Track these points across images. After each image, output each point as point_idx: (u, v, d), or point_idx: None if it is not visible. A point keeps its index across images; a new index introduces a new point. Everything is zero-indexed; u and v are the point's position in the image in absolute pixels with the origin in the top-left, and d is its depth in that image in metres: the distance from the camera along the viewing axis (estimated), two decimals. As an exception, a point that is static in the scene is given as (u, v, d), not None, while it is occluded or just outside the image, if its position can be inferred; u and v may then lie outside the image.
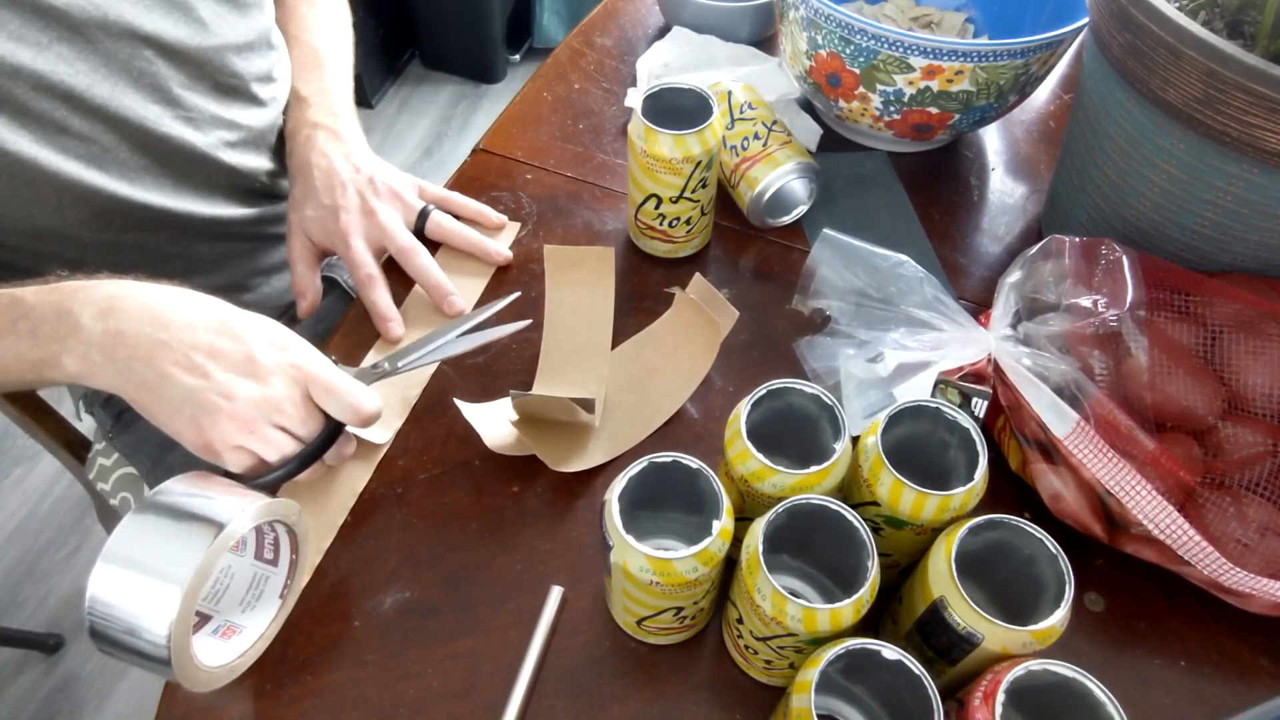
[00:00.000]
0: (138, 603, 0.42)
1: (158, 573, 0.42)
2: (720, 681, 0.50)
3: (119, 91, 0.59)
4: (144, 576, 0.42)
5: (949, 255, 0.71)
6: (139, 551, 0.43)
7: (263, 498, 0.46)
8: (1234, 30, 0.52)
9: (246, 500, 0.45)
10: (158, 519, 0.44)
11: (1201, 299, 0.55)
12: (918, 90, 0.66)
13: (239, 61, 0.66)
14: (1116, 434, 0.49)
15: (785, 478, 0.44)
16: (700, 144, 0.59)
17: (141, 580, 0.42)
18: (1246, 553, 0.50)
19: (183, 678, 0.44)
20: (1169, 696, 0.50)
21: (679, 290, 0.64)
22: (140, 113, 0.61)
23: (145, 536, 0.43)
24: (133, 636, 0.42)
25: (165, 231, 0.67)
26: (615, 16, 0.92)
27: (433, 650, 0.50)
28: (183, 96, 0.63)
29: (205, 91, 0.65)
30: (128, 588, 0.42)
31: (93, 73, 0.57)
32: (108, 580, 0.43)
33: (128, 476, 0.84)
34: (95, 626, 0.43)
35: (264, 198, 0.76)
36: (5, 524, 1.43)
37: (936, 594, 0.42)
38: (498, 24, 2.06)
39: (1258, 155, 0.49)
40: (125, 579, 0.43)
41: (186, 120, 0.64)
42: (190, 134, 0.65)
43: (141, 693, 1.28)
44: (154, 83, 0.61)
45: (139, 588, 0.42)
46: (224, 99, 0.67)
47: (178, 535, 0.43)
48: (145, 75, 0.60)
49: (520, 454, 0.57)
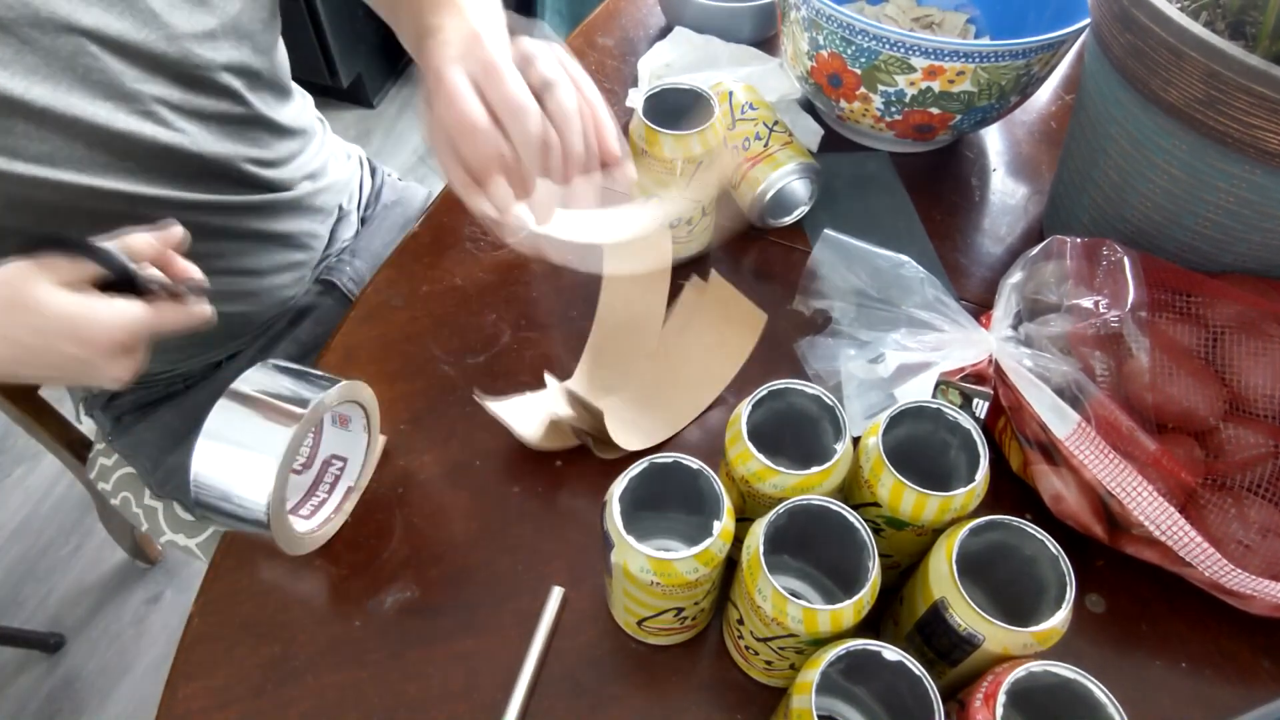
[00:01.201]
0: (238, 474, 0.47)
1: (255, 447, 0.47)
2: (721, 682, 0.50)
3: (62, 91, 0.56)
4: (243, 451, 0.47)
5: (950, 256, 0.71)
6: (236, 430, 0.47)
7: (336, 380, 0.50)
8: (1235, 31, 0.52)
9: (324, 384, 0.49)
10: (249, 401, 0.48)
11: (1203, 300, 0.55)
12: (919, 91, 0.66)
13: (203, 52, 0.63)
14: (1118, 435, 0.49)
15: (786, 478, 0.44)
16: (702, 144, 0.59)
17: (241, 454, 0.47)
18: (1248, 554, 0.49)
19: (281, 541, 0.49)
20: (1170, 698, 0.50)
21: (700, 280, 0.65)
22: (90, 110, 0.58)
23: (240, 416, 0.48)
24: (235, 505, 0.47)
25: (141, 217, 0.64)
26: (617, 17, 0.92)
27: (433, 650, 0.50)
28: (139, 91, 0.60)
29: (167, 83, 0.62)
30: (229, 462, 0.47)
31: (30, 74, 0.55)
32: (210, 456, 0.47)
33: (128, 476, 0.84)
34: (199, 498, 0.48)
35: (249, 187, 0.72)
36: (7, 523, 1.43)
37: (937, 595, 0.42)
38: (499, 24, 2.06)
39: (1259, 156, 0.49)
40: (226, 454, 0.47)
41: (144, 115, 0.61)
42: (151, 128, 0.62)
43: (142, 692, 1.28)
44: (103, 79, 0.58)
45: (239, 461, 0.47)
46: (192, 90, 0.64)
47: (270, 414, 0.47)
48: (93, 71, 0.57)
49: (555, 447, 0.57)
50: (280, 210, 0.75)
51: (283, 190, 0.75)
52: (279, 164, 0.74)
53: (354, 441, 0.56)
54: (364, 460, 0.56)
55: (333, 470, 0.55)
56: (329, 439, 0.56)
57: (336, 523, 0.54)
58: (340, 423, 0.55)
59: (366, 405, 0.54)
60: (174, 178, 0.65)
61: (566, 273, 0.68)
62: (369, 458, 0.56)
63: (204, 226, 0.68)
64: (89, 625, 1.33)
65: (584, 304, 0.66)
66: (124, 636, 1.32)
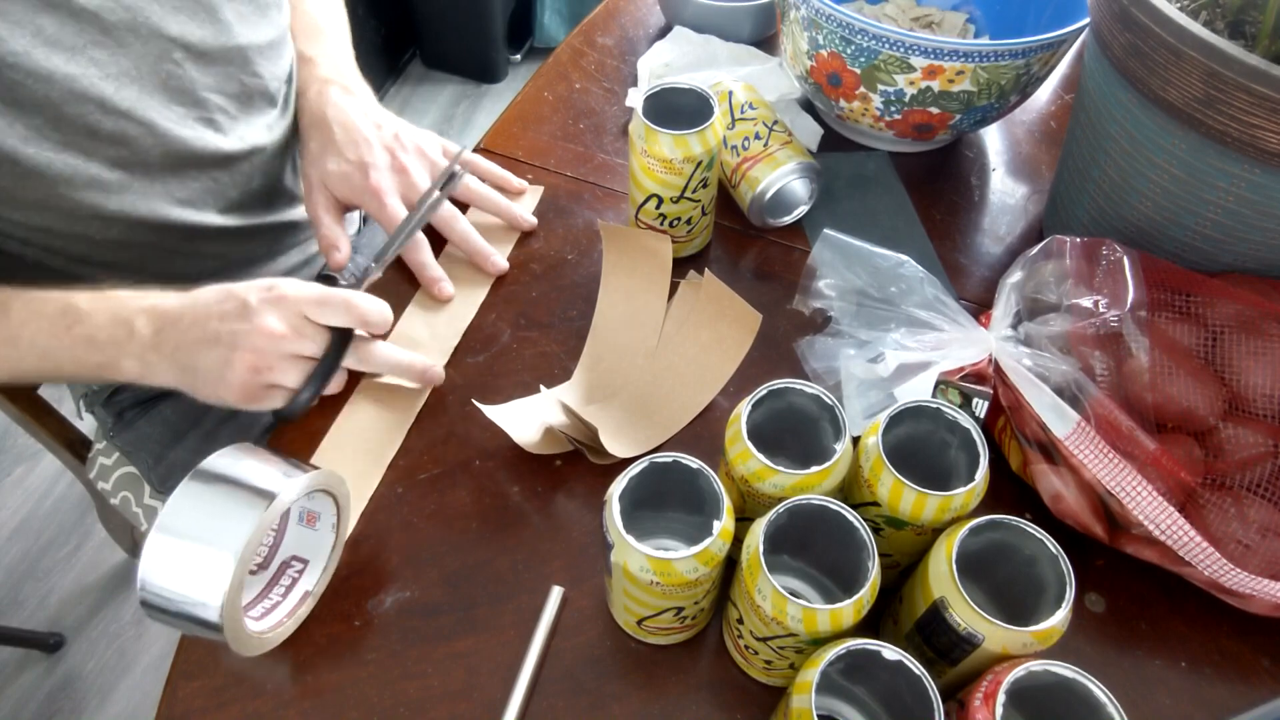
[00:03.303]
0: (191, 573, 0.43)
1: (211, 542, 0.43)
2: (720, 681, 0.50)
3: (145, 94, 0.59)
4: (197, 546, 0.44)
5: (950, 255, 0.71)
6: (191, 523, 0.44)
7: (309, 469, 0.48)
8: (1235, 31, 0.52)
9: (294, 471, 0.47)
10: (209, 490, 0.45)
11: (1203, 299, 0.55)
12: (919, 90, 0.66)
13: (261, 63, 0.66)
14: (1117, 434, 0.49)
15: (786, 478, 0.44)
16: (701, 144, 0.59)
17: (195, 550, 0.44)
18: (1247, 553, 0.49)
19: (235, 643, 0.45)
20: (1170, 697, 0.50)
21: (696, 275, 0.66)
22: (165, 115, 0.61)
23: (197, 507, 0.45)
24: (186, 606, 0.44)
25: (178, 232, 0.67)
26: (616, 16, 0.92)
27: (433, 650, 0.50)
28: (208, 99, 0.63)
29: (230, 95, 0.65)
30: (181, 558, 0.44)
31: (122, 75, 0.57)
32: (162, 551, 0.44)
33: (128, 476, 0.84)
34: (148, 599, 0.44)
35: (285, 201, 0.76)
36: (6, 523, 1.43)
37: (937, 594, 0.42)
38: (499, 23, 2.06)
39: (1259, 156, 0.49)
40: (179, 549, 0.44)
41: (208, 123, 0.64)
42: (212, 137, 0.64)
43: (141, 692, 1.28)
44: (180, 85, 0.61)
45: (192, 558, 0.44)
46: (247, 103, 0.67)
47: (229, 506, 0.44)
48: (173, 78, 0.60)
49: (550, 451, 0.57)
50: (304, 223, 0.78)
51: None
52: None
53: (318, 542, 0.51)
54: (325, 564, 0.51)
55: (290, 573, 0.51)
56: (291, 538, 0.52)
57: (289, 627, 0.50)
58: (307, 521, 0.52)
59: (339, 498, 0.50)
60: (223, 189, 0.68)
61: (566, 272, 0.68)
62: (331, 560, 0.52)
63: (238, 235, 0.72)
64: (89, 625, 1.33)
65: (583, 303, 0.66)
66: (124, 636, 1.32)
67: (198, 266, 0.70)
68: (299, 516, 0.52)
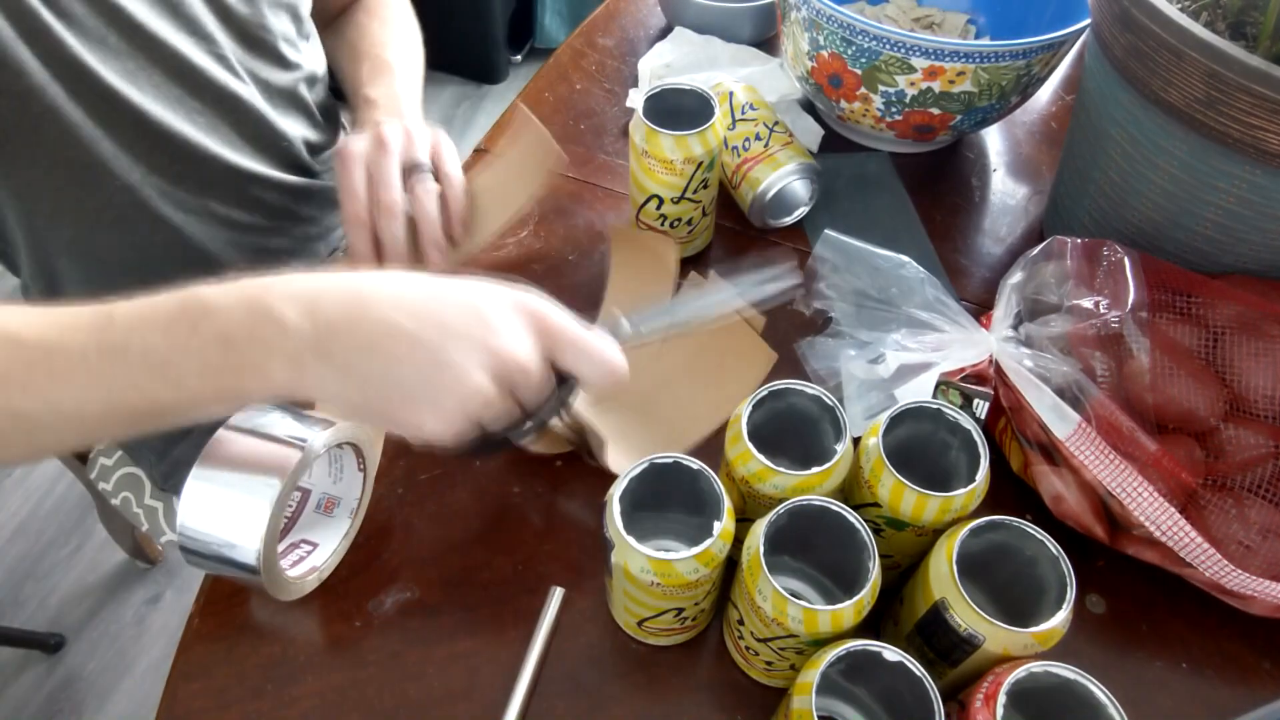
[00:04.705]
0: (229, 520, 0.45)
1: (247, 490, 0.44)
2: (721, 682, 0.50)
3: (154, 15, 0.58)
4: (234, 493, 0.45)
5: (950, 256, 0.71)
6: (227, 472, 0.45)
7: (333, 421, 0.48)
8: (1236, 32, 0.52)
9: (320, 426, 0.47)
10: (241, 441, 0.46)
11: (1203, 300, 0.55)
12: (919, 91, 0.66)
13: (270, 16, 0.66)
14: (1118, 435, 0.49)
15: (786, 479, 0.44)
16: (702, 145, 0.59)
17: (231, 498, 0.45)
18: (1248, 555, 0.49)
19: (272, 588, 0.47)
20: (1171, 699, 0.50)
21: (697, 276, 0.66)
22: (173, 40, 0.60)
23: (231, 457, 0.46)
24: (227, 552, 0.45)
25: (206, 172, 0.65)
26: (617, 17, 0.92)
27: (434, 650, 0.50)
28: (214, 35, 0.63)
29: (235, 37, 0.65)
30: (218, 506, 0.45)
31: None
32: (199, 498, 0.45)
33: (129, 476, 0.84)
34: (186, 544, 0.45)
35: (298, 169, 0.74)
36: (7, 523, 1.43)
37: (938, 595, 0.42)
38: (499, 24, 2.06)
39: (1260, 157, 0.49)
40: (216, 496, 0.45)
41: (217, 58, 0.63)
42: (220, 73, 0.64)
43: (142, 692, 1.28)
44: (188, 13, 0.61)
45: (229, 506, 0.45)
46: (251, 50, 0.67)
47: (263, 456, 0.45)
48: (181, 5, 0.60)
49: (551, 452, 0.57)
50: (314, 198, 0.77)
51: (318, 178, 0.77)
52: (319, 149, 0.77)
53: (348, 485, 0.53)
54: (357, 503, 0.53)
55: (324, 514, 0.53)
56: (321, 482, 0.53)
57: (325, 570, 0.51)
58: (325, 508, 0.53)
59: (364, 445, 0.51)
60: (235, 136, 0.67)
61: (567, 272, 0.68)
62: (362, 500, 0.53)
63: (255, 200, 0.71)
64: (89, 625, 1.33)
65: (584, 304, 0.66)
66: (124, 637, 1.32)
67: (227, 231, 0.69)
68: (318, 504, 0.53)
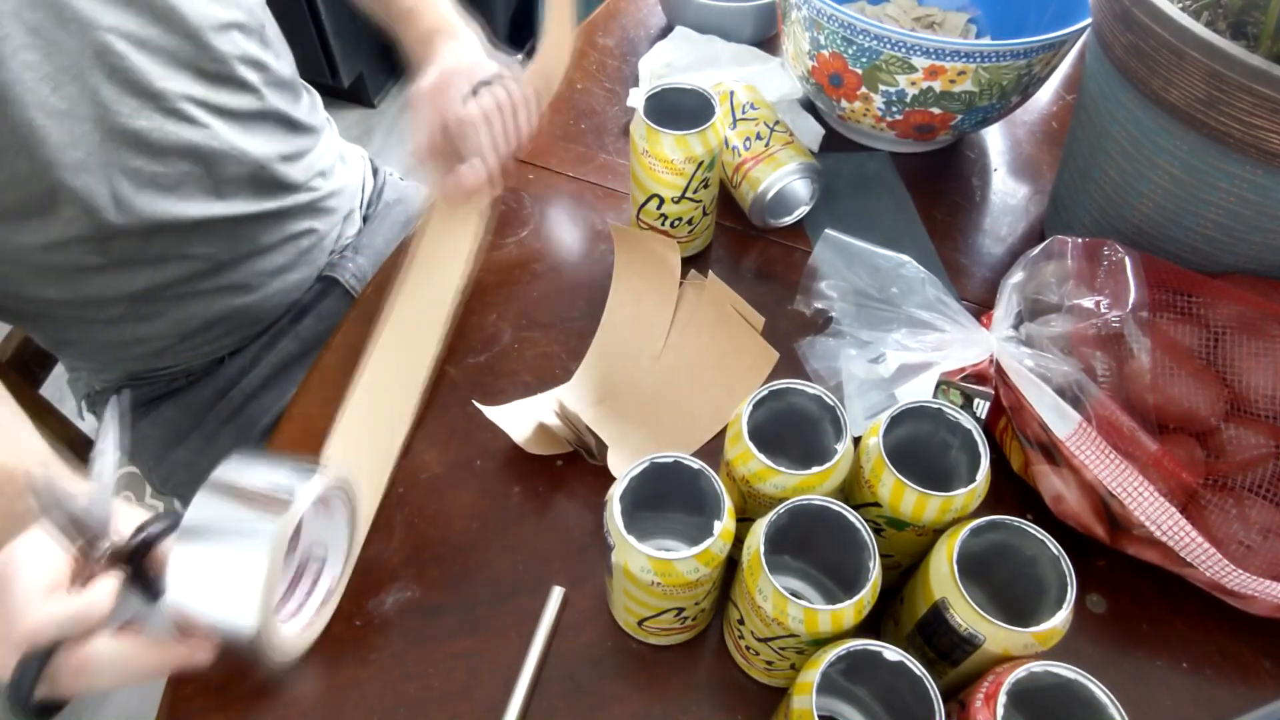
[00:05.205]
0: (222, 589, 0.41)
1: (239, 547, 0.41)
2: (721, 682, 0.50)
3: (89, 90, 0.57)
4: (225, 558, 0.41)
5: (951, 256, 0.71)
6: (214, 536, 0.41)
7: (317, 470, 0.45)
8: (1237, 31, 0.52)
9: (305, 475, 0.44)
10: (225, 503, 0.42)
11: (1204, 300, 0.55)
12: (920, 91, 0.66)
13: (220, 43, 0.64)
14: (1119, 435, 0.49)
15: (787, 478, 0.44)
16: (702, 144, 0.59)
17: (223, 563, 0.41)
18: (1249, 554, 0.49)
19: (272, 652, 0.43)
20: (1171, 698, 0.50)
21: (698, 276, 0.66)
22: (118, 106, 0.59)
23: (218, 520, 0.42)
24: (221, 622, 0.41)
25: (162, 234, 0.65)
26: (617, 17, 0.92)
27: (434, 650, 0.50)
28: (165, 89, 0.61)
29: (190, 79, 0.63)
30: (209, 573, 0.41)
31: (60, 74, 0.55)
32: (188, 567, 0.41)
33: (128, 476, 0.84)
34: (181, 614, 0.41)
35: (270, 190, 0.73)
36: (7, 523, 1.43)
37: (938, 595, 0.42)
38: (500, 23, 2.06)
39: (1260, 156, 0.49)
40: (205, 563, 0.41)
41: (170, 112, 0.62)
42: (176, 126, 0.63)
43: (142, 693, 1.28)
44: (130, 77, 0.59)
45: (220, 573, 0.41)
46: (213, 85, 0.65)
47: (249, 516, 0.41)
48: (118, 71, 0.58)
49: (551, 452, 0.57)
50: (297, 214, 0.77)
51: (298, 190, 0.76)
52: (295, 158, 0.76)
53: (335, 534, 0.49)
54: (345, 553, 0.50)
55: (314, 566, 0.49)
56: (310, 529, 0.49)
57: (318, 626, 0.49)
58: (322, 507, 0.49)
59: (349, 494, 0.48)
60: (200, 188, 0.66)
61: (567, 272, 0.68)
62: (352, 546, 0.50)
63: (226, 235, 0.70)
64: (89, 624, 1.33)
65: (585, 304, 0.66)
66: (124, 636, 1.32)
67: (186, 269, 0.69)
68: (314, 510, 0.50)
